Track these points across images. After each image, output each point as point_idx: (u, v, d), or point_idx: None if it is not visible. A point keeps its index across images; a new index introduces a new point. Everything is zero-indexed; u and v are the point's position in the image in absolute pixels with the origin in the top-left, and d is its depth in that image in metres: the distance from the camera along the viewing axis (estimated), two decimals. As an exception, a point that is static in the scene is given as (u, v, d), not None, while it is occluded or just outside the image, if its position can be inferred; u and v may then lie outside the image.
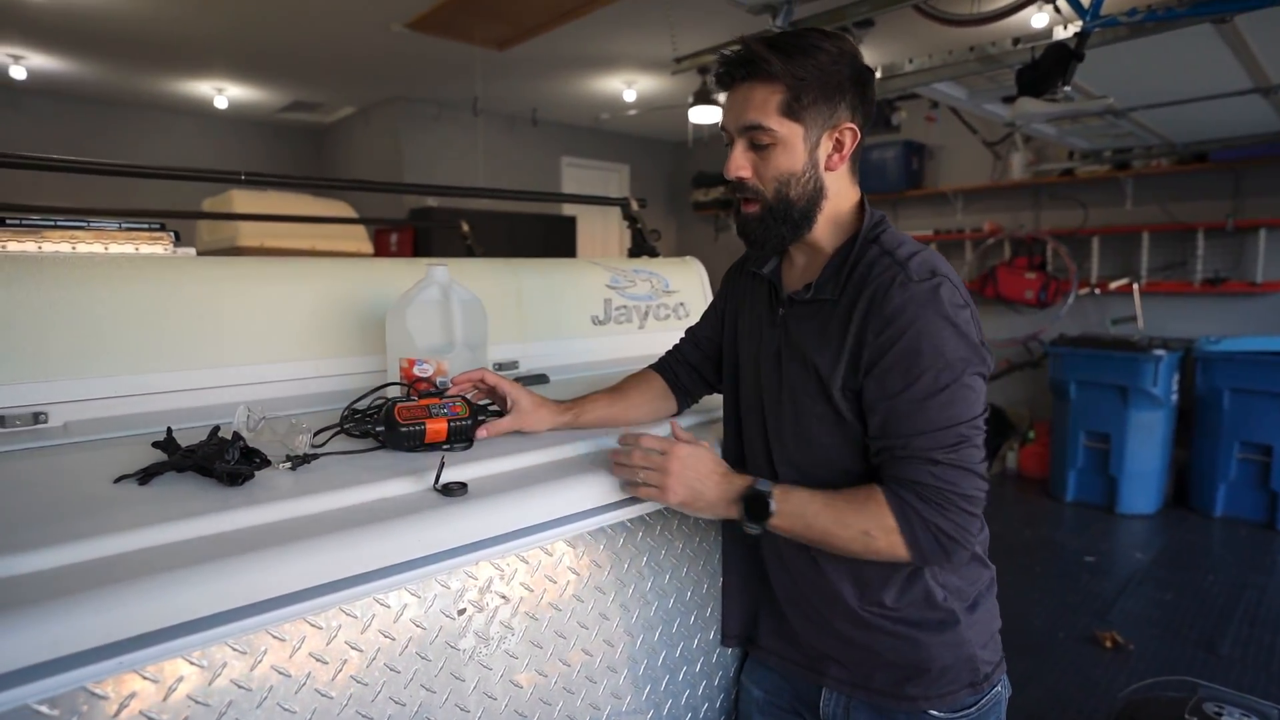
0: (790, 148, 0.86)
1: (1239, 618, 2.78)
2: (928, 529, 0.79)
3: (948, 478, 0.79)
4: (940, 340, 0.79)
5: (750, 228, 0.91)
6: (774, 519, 0.83)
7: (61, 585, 0.57)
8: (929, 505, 0.79)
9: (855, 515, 0.81)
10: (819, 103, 0.85)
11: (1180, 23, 1.85)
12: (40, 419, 0.96)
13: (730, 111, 0.89)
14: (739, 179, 0.89)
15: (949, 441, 0.79)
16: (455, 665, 0.77)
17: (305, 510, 0.73)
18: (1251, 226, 4.19)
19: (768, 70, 0.84)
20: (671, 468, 0.86)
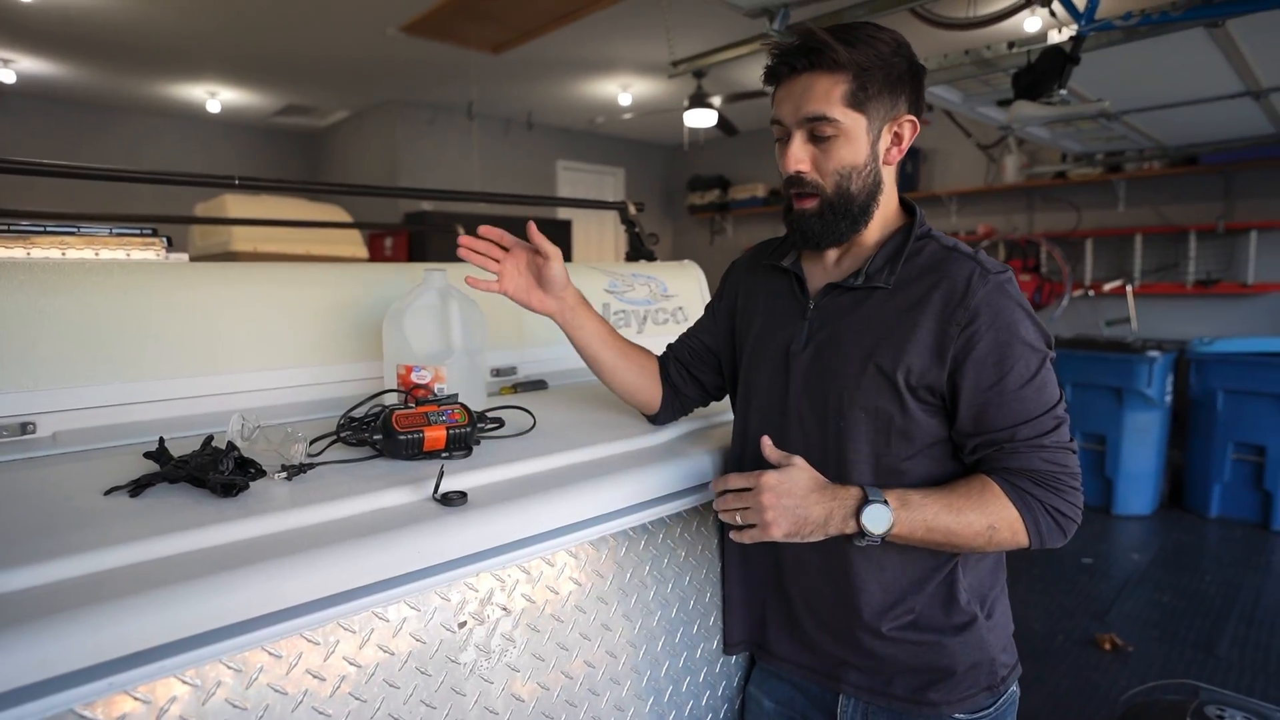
0: (854, 140, 0.84)
1: (1236, 618, 2.78)
2: (1048, 513, 0.81)
3: (1057, 460, 0.81)
4: (1023, 329, 0.82)
5: (809, 224, 0.88)
6: (895, 528, 0.80)
7: (49, 603, 0.55)
8: (1046, 490, 0.81)
9: (976, 512, 0.81)
10: (883, 93, 0.84)
11: (1174, 26, 1.86)
12: (28, 429, 0.94)
13: (787, 103, 0.85)
14: (798, 173, 0.86)
15: (1050, 426, 0.81)
16: (456, 680, 0.75)
17: (301, 522, 0.72)
18: (1242, 228, 4.22)
19: (833, 58, 0.81)
20: (765, 501, 0.80)
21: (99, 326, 1.00)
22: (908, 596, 0.87)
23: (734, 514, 0.83)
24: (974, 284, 0.81)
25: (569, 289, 0.99)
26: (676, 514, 0.98)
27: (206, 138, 6.56)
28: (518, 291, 0.98)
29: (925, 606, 0.87)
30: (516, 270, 0.98)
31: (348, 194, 1.93)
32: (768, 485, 0.81)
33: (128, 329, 1.02)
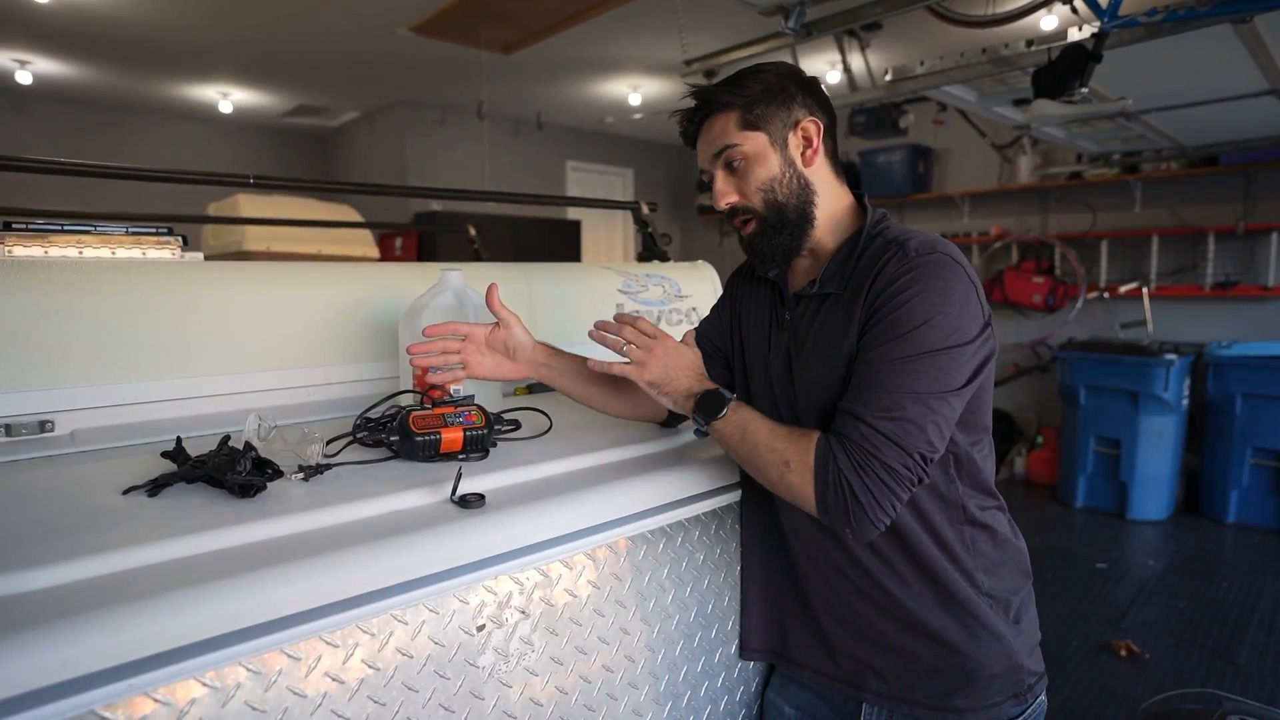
0: (761, 156, 0.90)
1: (1255, 626, 2.74)
2: (839, 482, 0.78)
3: (871, 441, 0.77)
4: (922, 310, 0.79)
5: (756, 244, 0.93)
6: (720, 421, 0.85)
7: (69, 604, 0.55)
8: (849, 460, 0.78)
9: (785, 443, 0.82)
10: (772, 108, 0.90)
11: (1199, 23, 1.83)
12: (47, 428, 0.94)
13: (701, 151, 0.93)
14: (728, 205, 0.92)
15: (883, 405, 0.78)
16: (474, 683, 0.74)
17: (319, 523, 0.71)
18: (1263, 230, 4.16)
19: (716, 100, 0.90)
20: (656, 349, 0.90)
21: (117, 325, 1.00)
22: (932, 592, 0.86)
23: (622, 342, 0.91)
24: (889, 266, 0.83)
25: (537, 348, 1.02)
26: (695, 517, 0.97)
27: (218, 138, 6.60)
28: (488, 371, 1.00)
29: (946, 609, 0.86)
30: (479, 352, 0.99)
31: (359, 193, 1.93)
32: (666, 342, 0.92)
33: (145, 328, 1.02)
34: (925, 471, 0.78)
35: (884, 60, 4.48)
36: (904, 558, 0.86)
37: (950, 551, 0.86)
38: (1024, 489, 4.55)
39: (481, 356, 0.99)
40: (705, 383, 0.90)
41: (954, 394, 0.79)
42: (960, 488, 0.86)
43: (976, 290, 0.82)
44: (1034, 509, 4.19)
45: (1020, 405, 5.12)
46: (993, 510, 0.90)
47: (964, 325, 0.79)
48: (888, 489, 0.76)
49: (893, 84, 2.58)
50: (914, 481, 0.78)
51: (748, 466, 0.86)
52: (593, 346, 1.53)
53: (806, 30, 2.25)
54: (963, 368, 0.79)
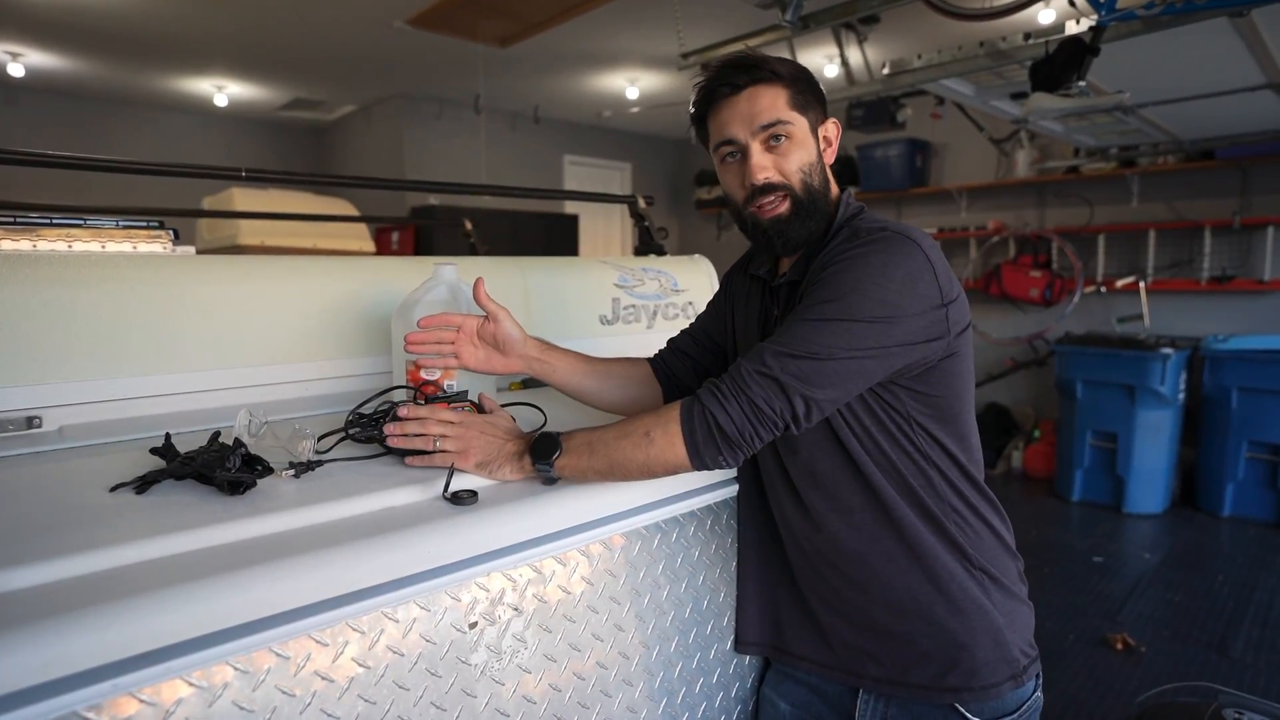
0: (804, 140, 0.89)
1: (1250, 619, 2.75)
2: (705, 418, 0.78)
3: (745, 379, 0.78)
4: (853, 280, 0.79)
5: (782, 228, 0.89)
6: (563, 456, 0.82)
7: (53, 603, 0.54)
8: (715, 396, 0.79)
9: (639, 421, 0.81)
10: (810, 99, 0.90)
11: (1197, 16, 1.82)
12: (34, 423, 0.93)
13: (736, 120, 0.88)
14: (767, 181, 0.88)
15: (770, 353, 0.78)
16: (467, 681, 0.73)
17: (310, 520, 0.70)
18: (1259, 224, 4.16)
19: (772, 70, 0.87)
20: (469, 431, 0.85)
21: (105, 319, 0.99)
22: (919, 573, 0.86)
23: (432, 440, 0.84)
24: (835, 246, 0.84)
25: (528, 342, 1.00)
26: (690, 512, 0.97)
27: (214, 132, 6.57)
28: (479, 364, 0.98)
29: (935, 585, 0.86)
30: (472, 344, 0.98)
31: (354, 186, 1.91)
32: (475, 421, 0.87)
33: (134, 323, 1.01)
34: (797, 416, 0.78)
35: (881, 54, 4.46)
36: (891, 536, 0.86)
37: (938, 526, 0.86)
38: (1021, 483, 4.56)
39: (473, 349, 0.98)
40: (526, 435, 0.88)
41: (867, 354, 0.79)
42: (944, 469, 0.87)
43: (935, 270, 0.81)
44: (1031, 502, 4.20)
45: (1017, 399, 5.12)
46: (978, 494, 0.90)
47: (900, 301, 0.79)
48: (751, 423, 0.78)
49: (890, 77, 2.57)
50: (779, 423, 0.79)
51: (612, 473, 0.82)
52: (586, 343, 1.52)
53: (804, 23, 2.24)
54: (886, 336, 0.79)
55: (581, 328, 1.53)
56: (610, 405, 1.07)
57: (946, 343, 0.83)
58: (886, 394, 0.85)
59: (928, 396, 0.85)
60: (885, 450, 0.86)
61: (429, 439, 0.84)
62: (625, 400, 1.06)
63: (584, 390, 1.04)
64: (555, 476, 0.84)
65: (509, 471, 0.84)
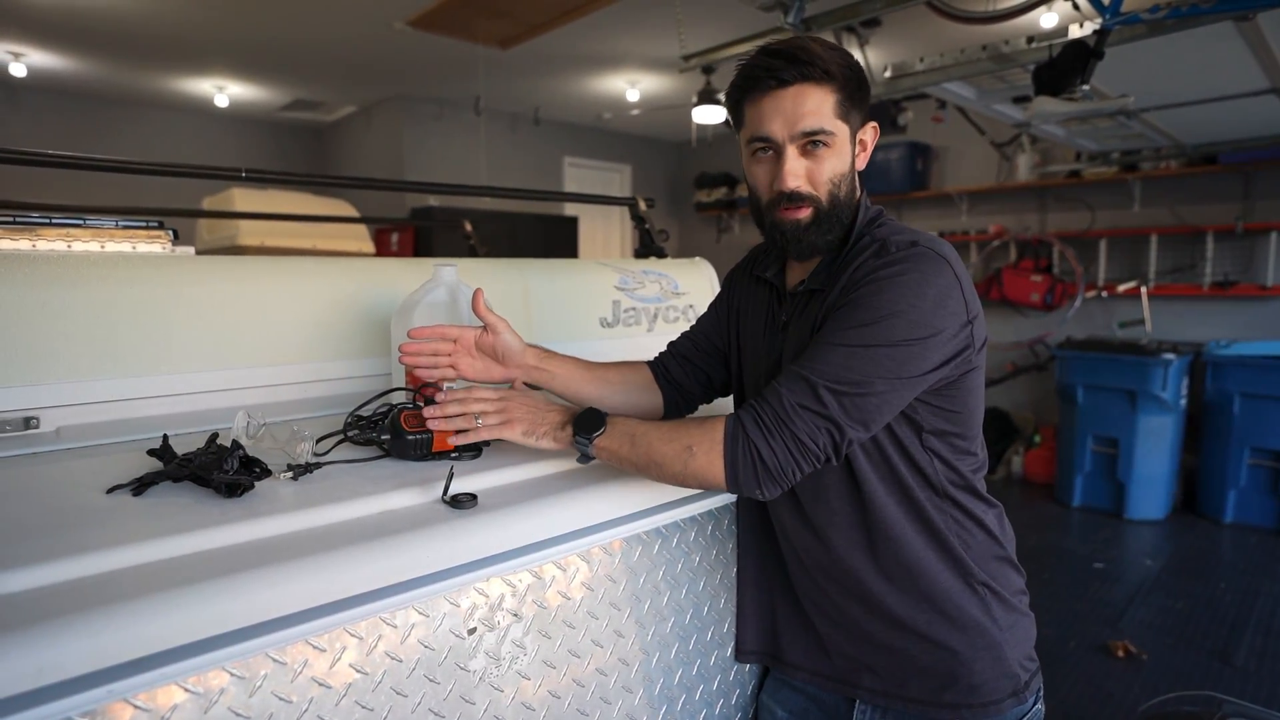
0: (842, 150, 0.85)
1: (1252, 627, 2.74)
2: (748, 450, 0.77)
3: (788, 408, 0.76)
4: (891, 302, 0.77)
5: (804, 234, 0.86)
6: (603, 436, 0.82)
7: (47, 607, 0.53)
8: (758, 425, 0.77)
9: (683, 431, 0.80)
10: (857, 104, 0.85)
11: (1202, 20, 1.81)
12: (31, 424, 0.92)
13: (778, 117, 0.82)
14: (796, 190, 0.84)
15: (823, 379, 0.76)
16: (465, 688, 0.73)
17: (307, 524, 0.70)
18: (1262, 229, 4.15)
19: (825, 70, 0.81)
20: (509, 404, 0.86)
21: (103, 320, 0.98)
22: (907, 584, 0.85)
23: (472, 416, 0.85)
24: (867, 260, 0.82)
25: (527, 352, 0.99)
26: (690, 518, 0.96)
27: (214, 132, 6.56)
28: (478, 374, 0.98)
29: (935, 606, 0.85)
30: (470, 355, 0.97)
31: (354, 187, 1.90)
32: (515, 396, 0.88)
33: (132, 323, 1.00)
34: (839, 449, 0.77)
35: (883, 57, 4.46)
36: (892, 556, 0.85)
37: (940, 541, 0.85)
38: (1021, 488, 4.54)
39: (471, 360, 0.97)
40: (570, 408, 0.88)
41: (905, 381, 0.78)
42: (950, 483, 0.86)
43: (961, 287, 0.80)
44: (1031, 508, 4.19)
45: (1018, 404, 5.11)
46: (983, 506, 0.89)
47: (935, 321, 0.78)
48: (794, 459, 0.76)
49: (892, 80, 2.56)
50: (821, 458, 0.77)
51: (646, 470, 0.82)
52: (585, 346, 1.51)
53: (806, 25, 2.24)
54: (924, 360, 0.78)
55: (582, 330, 1.52)
56: (611, 410, 1.06)
57: (970, 358, 0.82)
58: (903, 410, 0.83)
59: (945, 412, 0.84)
60: (893, 464, 0.84)
61: (469, 417, 0.84)
62: (626, 405, 1.05)
63: (584, 396, 1.03)
64: (591, 455, 0.83)
65: (550, 440, 0.85)
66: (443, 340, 0.95)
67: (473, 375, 0.97)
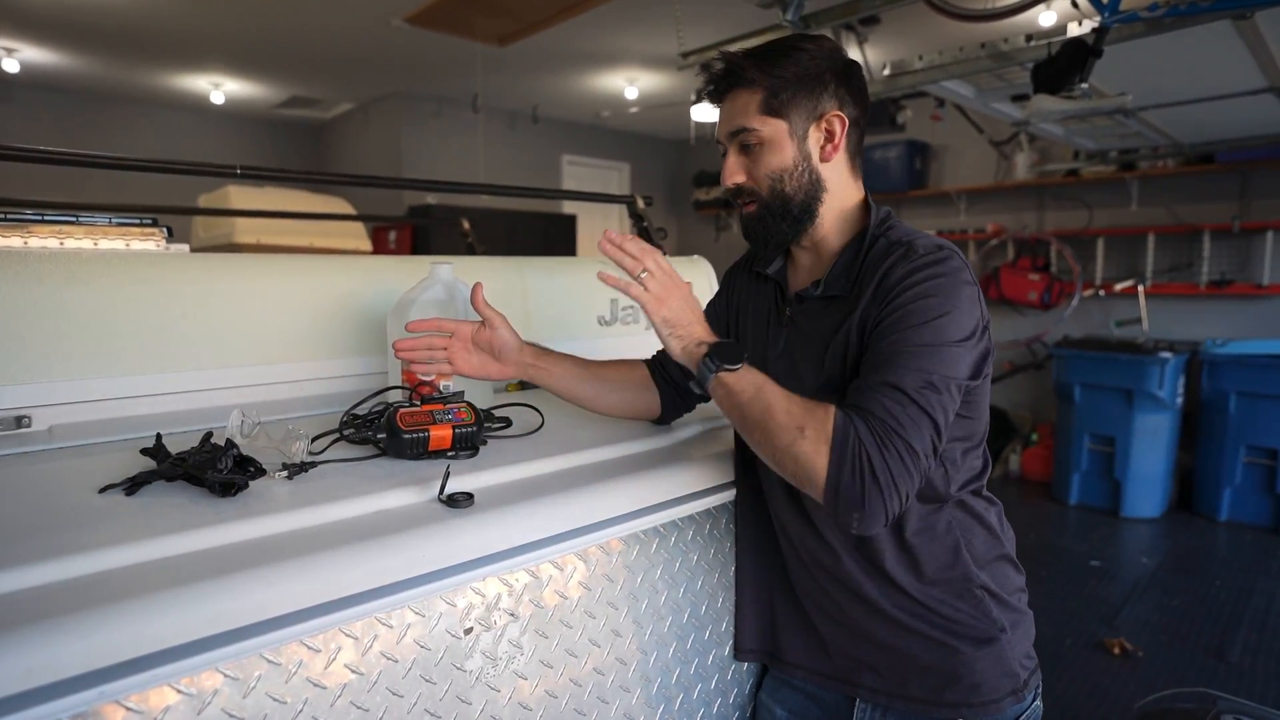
0: (777, 144, 0.88)
1: (1247, 624, 2.75)
2: (859, 456, 0.72)
3: (895, 417, 0.73)
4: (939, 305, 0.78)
5: (751, 227, 0.92)
6: (733, 374, 0.79)
7: (37, 608, 0.53)
8: (871, 435, 0.73)
9: (802, 409, 0.76)
10: (799, 96, 0.87)
11: (1200, 18, 1.81)
12: (23, 423, 0.92)
13: (721, 123, 0.91)
14: (734, 185, 0.91)
15: (907, 384, 0.74)
16: (461, 688, 0.72)
17: (302, 523, 0.69)
18: (1258, 228, 4.16)
19: (744, 76, 0.87)
20: (675, 288, 0.84)
21: (97, 318, 0.97)
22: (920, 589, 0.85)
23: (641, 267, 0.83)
24: (897, 265, 0.82)
25: (524, 349, 0.99)
26: (688, 517, 0.96)
27: (210, 130, 6.54)
28: (474, 370, 0.97)
29: (936, 606, 0.85)
30: (466, 350, 0.97)
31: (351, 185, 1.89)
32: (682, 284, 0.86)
33: (126, 321, 1.00)
34: (937, 450, 0.75)
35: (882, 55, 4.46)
36: (893, 549, 0.85)
37: (941, 541, 0.85)
38: (1018, 486, 4.55)
39: (468, 355, 0.97)
40: (711, 331, 0.86)
41: (958, 386, 0.78)
42: (956, 483, 0.86)
43: (978, 290, 0.83)
44: (1028, 506, 4.20)
45: (1015, 402, 5.12)
46: (984, 505, 0.89)
47: (968, 324, 0.79)
48: (906, 470, 0.72)
49: (891, 79, 2.56)
50: (927, 467, 0.75)
51: (752, 430, 0.78)
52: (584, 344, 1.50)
53: (804, 23, 2.23)
54: (968, 364, 0.79)
55: (580, 328, 1.52)
56: (608, 409, 1.05)
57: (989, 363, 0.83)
58: None
59: (960, 419, 0.83)
60: None
61: (638, 264, 0.83)
62: (622, 404, 1.05)
63: (580, 395, 1.03)
64: (707, 386, 0.81)
65: (680, 346, 0.83)
66: (439, 334, 0.94)
67: (468, 370, 0.97)
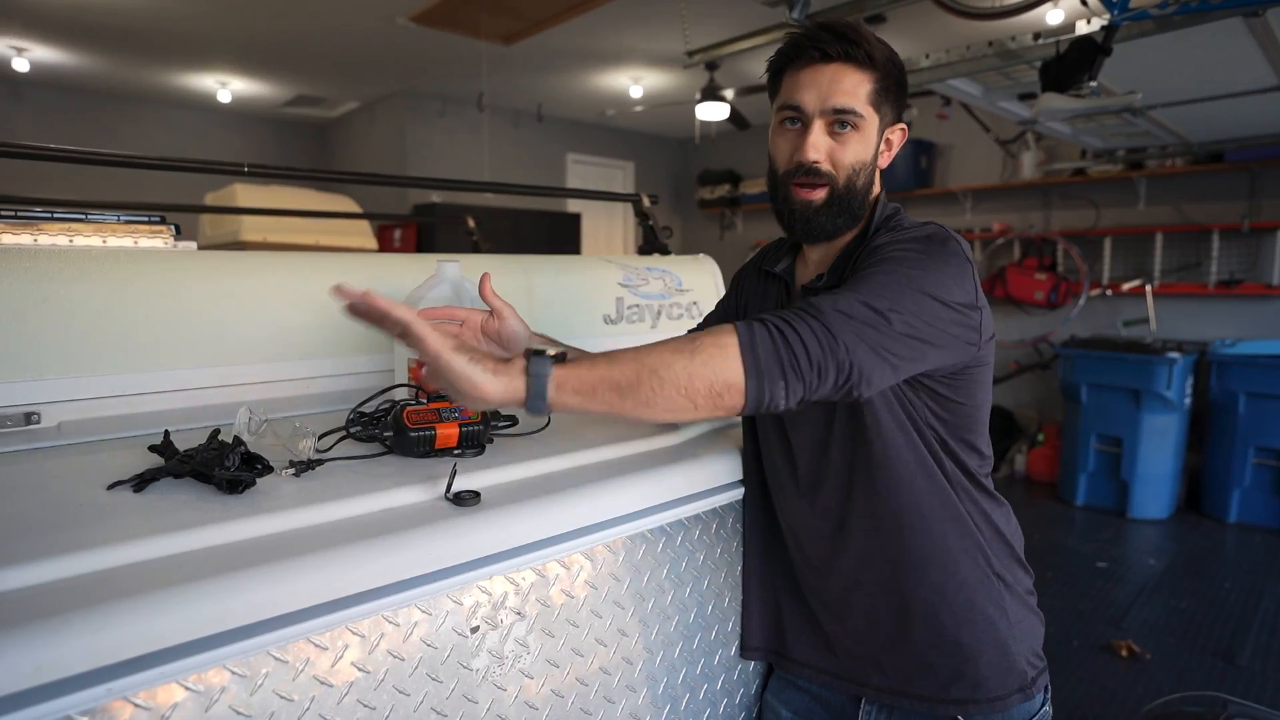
0: (867, 137, 0.85)
1: (1257, 627, 2.73)
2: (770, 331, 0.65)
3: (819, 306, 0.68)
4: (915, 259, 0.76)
5: (814, 214, 0.85)
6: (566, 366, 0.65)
7: (46, 604, 0.53)
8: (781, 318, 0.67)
9: (682, 340, 0.68)
10: (891, 97, 0.86)
11: (1211, 16, 1.80)
12: (33, 419, 0.92)
13: (811, 89, 0.83)
14: (815, 164, 0.83)
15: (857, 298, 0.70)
16: (468, 687, 0.72)
17: (309, 521, 0.69)
18: (1268, 228, 4.14)
19: (868, 54, 0.82)
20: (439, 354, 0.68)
21: (105, 315, 0.98)
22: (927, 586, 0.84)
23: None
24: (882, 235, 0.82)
25: (533, 339, 0.98)
26: (695, 516, 0.95)
27: (217, 128, 6.56)
28: None
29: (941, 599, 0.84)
30: (476, 340, 0.96)
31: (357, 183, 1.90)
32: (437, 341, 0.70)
33: (135, 318, 1.00)
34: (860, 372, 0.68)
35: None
36: (899, 546, 0.85)
37: (948, 536, 0.85)
38: (1024, 486, 4.53)
39: (477, 344, 0.97)
40: None
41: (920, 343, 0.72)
42: (957, 477, 0.85)
43: (972, 271, 0.80)
44: (1034, 507, 4.18)
45: (1021, 402, 5.10)
46: (991, 503, 0.89)
47: (952, 288, 0.76)
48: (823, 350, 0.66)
49: (897, 77, 2.55)
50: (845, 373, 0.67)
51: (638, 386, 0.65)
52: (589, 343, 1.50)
53: (810, 21, 2.22)
54: (938, 326, 0.74)
55: (585, 327, 1.52)
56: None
57: (977, 347, 0.81)
58: (908, 399, 0.83)
59: (953, 403, 0.83)
60: (902, 459, 0.84)
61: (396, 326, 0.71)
62: None
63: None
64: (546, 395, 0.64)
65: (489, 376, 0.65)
66: (450, 321, 0.94)
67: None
